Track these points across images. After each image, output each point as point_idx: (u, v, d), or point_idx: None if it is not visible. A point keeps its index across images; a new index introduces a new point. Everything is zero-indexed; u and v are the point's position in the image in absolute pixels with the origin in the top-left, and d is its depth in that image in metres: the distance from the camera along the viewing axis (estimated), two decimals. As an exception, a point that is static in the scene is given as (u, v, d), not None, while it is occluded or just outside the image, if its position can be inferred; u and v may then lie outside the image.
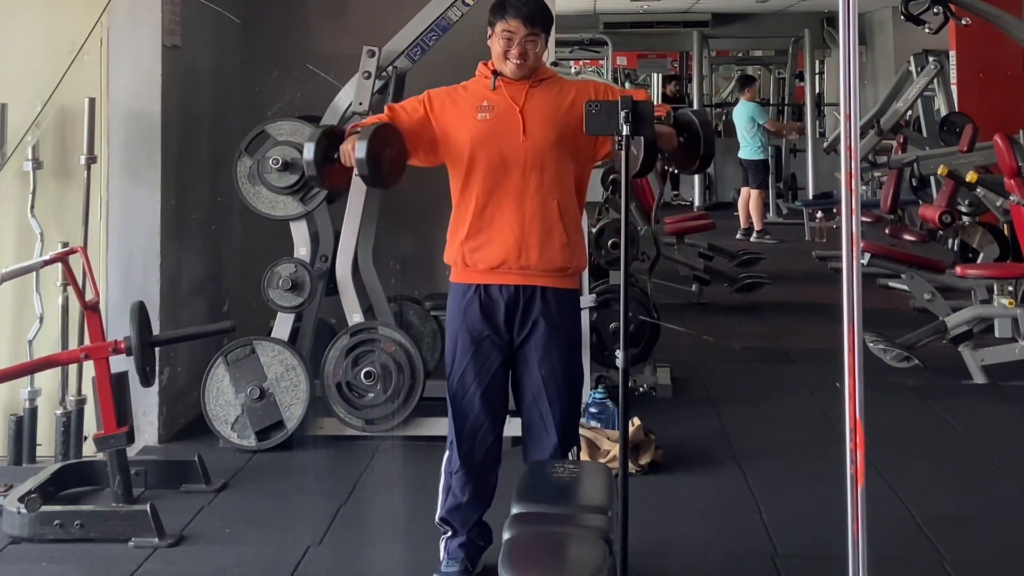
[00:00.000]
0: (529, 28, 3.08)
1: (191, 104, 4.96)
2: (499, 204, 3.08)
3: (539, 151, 3.07)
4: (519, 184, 3.07)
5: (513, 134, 3.08)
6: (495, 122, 3.09)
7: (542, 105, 3.11)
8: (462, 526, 3.24)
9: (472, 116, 3.10)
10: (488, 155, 3.08)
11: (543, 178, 3.08)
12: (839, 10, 2.36)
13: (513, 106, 3.10)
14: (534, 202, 3.07)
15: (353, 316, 4.64)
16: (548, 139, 3.08)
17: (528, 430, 3.21)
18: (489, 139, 3.08)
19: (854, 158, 2.32)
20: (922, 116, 9.49)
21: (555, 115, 3.10)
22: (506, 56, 3.09)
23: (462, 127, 3.11)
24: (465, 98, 3.15)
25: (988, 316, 5.74)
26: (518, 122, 3.08)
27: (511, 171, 3.07)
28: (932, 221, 7.20)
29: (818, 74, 15.15)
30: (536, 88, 3.14)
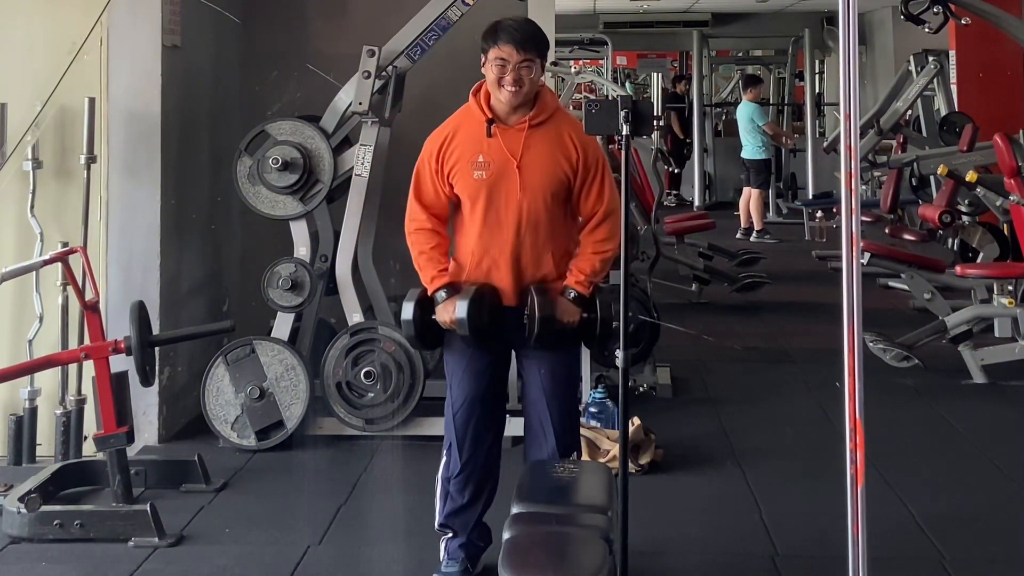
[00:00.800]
0: (523, 54, 3.03)
1: (191, 104, 4.96)
2: (495, 259, 3.11)
3: (534, 208, 3.07)
4: (514, 241, 3.09)
5: (510, 191, 3.06)
6: (492, 180, 3.07)
7: (540, 155, 3.08)
8: (462, 528, 3.23)
9: (469, 174, 3.08)
10: (484, 213, 3.08)
11: (537, 234, 3.10)
12: (839, 10, 2.36)
13: (510, 160, 3.06)
14: (529, 256, 3.11)
15: (353, 316, 4.64)
16: (544, 195, 3.07)
17: (528, 432, 3.24)
18: (486, 198, 3.08)
19: (854, 158, 2.32)
20: (922, 116, 9.48)
21: (552, 170, 3.08)
22: (500, 83, 3.05)
23: (460, 184, 3.11)
24: (463, 146, 3.10)
25: (988, 316, 5.74)
26: (515, 179, 3.06)
27: (506, 229, 3.08)
28: (932, 221, 7.19)
29: (818, 74, 15.14)
30: (536, 132, 3.09)
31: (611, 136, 5.52)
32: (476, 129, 3.11)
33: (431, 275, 3.12)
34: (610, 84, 11.14)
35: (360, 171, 4.60)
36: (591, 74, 12.03)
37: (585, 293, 3.10)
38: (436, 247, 3.14)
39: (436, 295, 3.10)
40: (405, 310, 3.14)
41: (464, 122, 3.15)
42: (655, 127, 11.07)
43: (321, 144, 4.62)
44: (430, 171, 3.14)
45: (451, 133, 3.14)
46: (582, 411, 4.50)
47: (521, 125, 3.09)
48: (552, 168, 3.08)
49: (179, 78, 4.81)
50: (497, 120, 3.10)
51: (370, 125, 4.60)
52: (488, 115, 3.09)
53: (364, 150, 4.60)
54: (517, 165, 3.06)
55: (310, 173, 4.61)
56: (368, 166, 4.60)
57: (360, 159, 4.60)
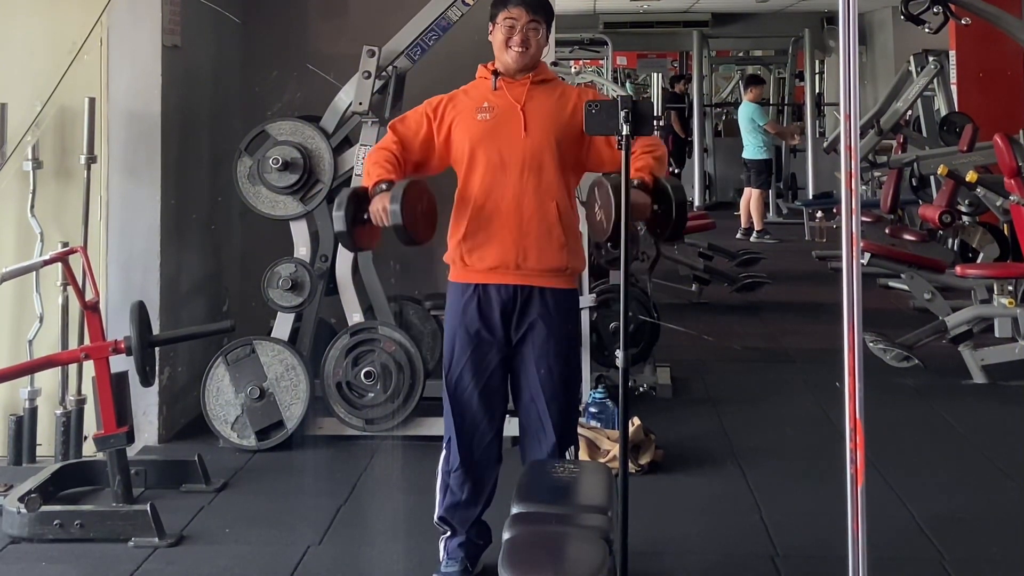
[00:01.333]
0: (531, 15, 3.11)
1: (191, 104, 4.96)
2: (497, 204, 3.07)
3: (539, 150, 3.07)
4: (518, 184, 3.06)
5: (514, 132, 3.08)
6: (495, 122, 3.09)
7: (543, 105, 3.12)
8: (461, 524, 3.23)
9: (472, 117, 3.11)
10: (487, 154, 3.08)
11: (542, 179, 3.07)
12: (839, 10, 2.36)
13: (514, 104, 3.11)
14: (532, 202, 3.07)
15: (353, 316, 4.64)
16: (548, 139, 3.08)
17: (526, 430, 3.22)
18: (489, 138, 3.08)
19: (854, 158, 2.32)
20: (922, 116, 9.49)
21: (556, 118, 3.11)
22: (508, 44, 3.11)
23: (462, 129, 3.12)
24: (465, 101, 3.16)
25: (988, 316, 5.74)
26: (519, 120, 3.09)
27: (510, 170, 3.07)
28: (932, 221, 7.20)
29: (818, 74, 15.14)
30: (537, 87, 3.15)
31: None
32: (481, 88, 3.18)
33: (376, 174, 3.05)
34: (610, 84, 11.14)
35: (360, 171, 4.60)
36: (591, 74, 12.02)
37: (648, 180, 2.98)
38: (390, 161, 3.08)
39: (375, 187, 3.02)
40: (337, 204, 3.02)
41: (469, 88, 3.21)
42: (655, 127, 11.09)
43: (321, 144, 4.62)
44: (422, 115, 3.17)
45: (457, 93, 3.20)
46: (582, 411, 4.51)
47: (525, 80, 3.15)
48: (556, 114, 3.11)
49: (179, 78, 4.82)
50: (503, 75, 3.16)
51: (370, 125, 4.60)
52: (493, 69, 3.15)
53: (364, 150, 4.60)
54: (521, 108, 3.10)
55: (310, 173, 4.61)
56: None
57: (360, 159, 4.59)
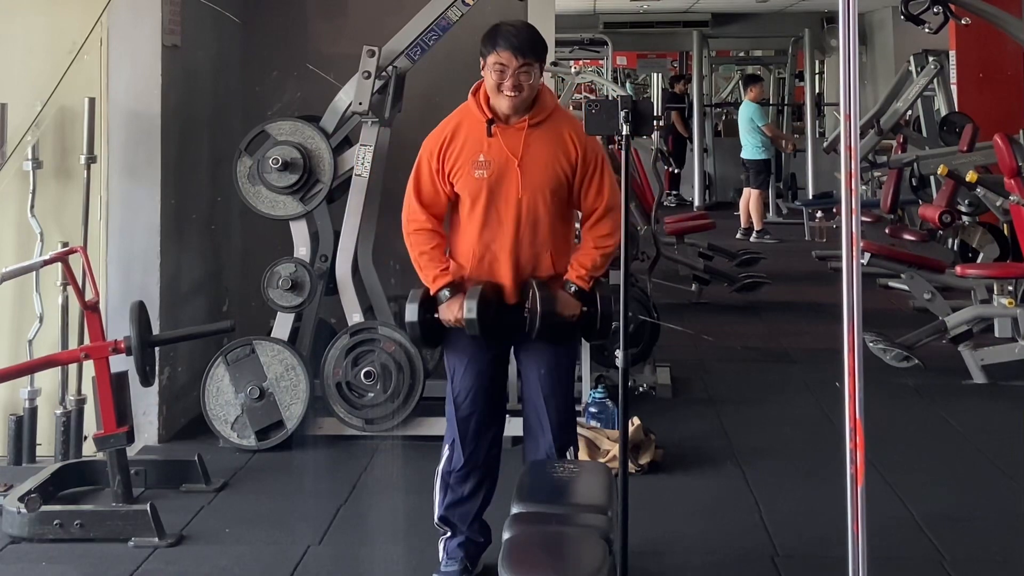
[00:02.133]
0: (521, 59, 3.04)
1: (191, 104, 4.96)
2: (495, 256, 3.12)
3: (534, 206, 3.09)
4: (513, 238, 3.10)
5: (510, 192, 3.08)
6: (492, 179, 3.08)
7: (541, 154, 3.09)
8: (461, 522, 3.24)
9: (470, 173, 3.09)
10: (485, 211, 3.10)
11: (536, 233, 3.12)
12: (839, 10, 2.36)
13: (511, 159, 3.08)
14: (528, 253, 3.12)
15: (353, 316, 4.64)
16: (544, 195, 3.09)
17: (526, 430, 3.25)
18: (486, 196, 3.09)
19: (854, 158, 2.32)
20: (922, 116, 9.48)
21: (552, 169, 3.09)
22: (500, 89, 3.06)
23: (461, 184, 3.12)
24: (463, 149, 3.11)
25: (988, 316, 5.74)
26: (516, 179, 3.08)
27: (506, 227, 3.10)
28: (932, 221, 7.20)
29: (818, 74, 15.14)
30: (534, 132, 3.10)
31: (611, 136, 5.53)
32: (476, 128, 3.12)
33: (433, 274, 3.13)
34: (610, 84, 11.14)
35: (360, 171, 4.60)
36: (591, 74, 12.02)
37: (585, 287, 3.12)
38: (436, 247, 3.15)
39: (439, 294, 3.11)
40: (409, 311, 3.14)
41: (464, 121, 3.15)
42: (655, 127, 11.08)
43: (321, 144, 4.62)
44: (430, 170, 3.15)
45: (451, 133, 3.14)
46: (582, 411, 4.51)
47: (521, 125, 3.10)
48: (552, 166, 3.09)
49: (179, 78, 4.81)
50: (497, 120, 3.11)
51: (370, 125, 4.60)
52: (488, 115, 3.10)
53: (364, 150, 4.60)
54: (518, 164, 3.07)
55: (310, 173, 4.61)
56: (368, 166, 4.60)
57: (360, 159, 4.60)
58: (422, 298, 3.14)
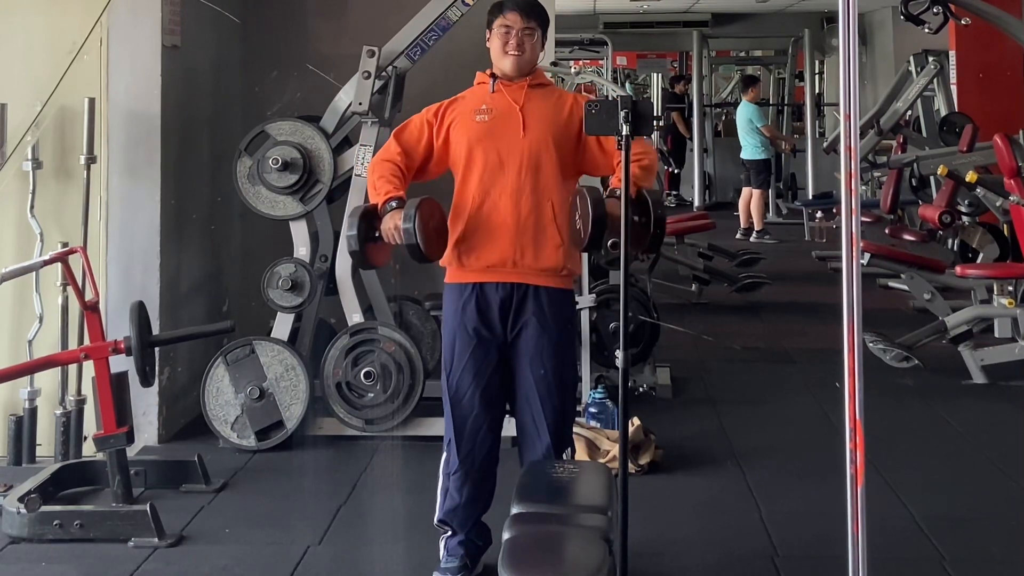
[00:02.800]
0: (526, 21, 3.15)
1: (191, 104, 4.96)
2: (495, 203, 3.09)
3: (537, 149, 3.10)
4: (515, 183, 3.08)
5: (512, 132, 3.11)
6: (494, 122, 3.13)
7: (541, 107, 3.16)
8: (460, 527, 3.24)
9: (471, 119, 3.14)
10: (485, 153, 3.10)
11: (539, 178, 3.09)
12: (839, 10, 2.36)
13: (513, 105, 3.15)
14: (529, 201, 3.08)
15: (353, 316, 4.64)
16: (546, 140, 3.11)
17: (521, 431, 3.23)
18: (487, 138, 3.11)
19: (854, 158, 2.31)
20: (922, 116, 9.49)
21: (554, 120, 3.15)
22: (504, 49, 3.15)
23: (460, 130, 3.15)
24: (464, 105, 3.20)
25: (988, 316, 5.74)
26: (518, 120, 3.12)
27: (508, 169, 3.09)
28: (932, 221, 7.20)
29: (818, 74, 15.14)
30: (535, 90, 3.19)
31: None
32: (480, 92, 3.22)
33: (385, 190, 3.07)
34: (610, 84, 11.14)
35: (360, 171, 4.60)
36: (591, 74, 12.02)
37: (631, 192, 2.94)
38: (396, 174, 3.11)
39: (386, 204, 3.04)
40: (349, 223, 3.07)
41: (467, 93, 3.25)
42: (655, 127, 11.08)
43: (321, 144, 4.62)
44: (421, 123, 3.20)
45: (455, 98, 3.24)
46: (582, 411, 4.51)
47: (522, 83, 3.19)
48: (554, 116, 3.15)
49: (179, 78, 4.81)
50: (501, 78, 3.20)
51: (370, 125, 4.60)
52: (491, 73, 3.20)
53: (364, 150, 4.60)
54: (520, 109, 3.13)
55: (310, 173, 4.61)
56: (368, 166, 4.59)
57: (360, 159, 4.60)
58: (365, 210, 3.09)
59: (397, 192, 3.06)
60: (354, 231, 3.04)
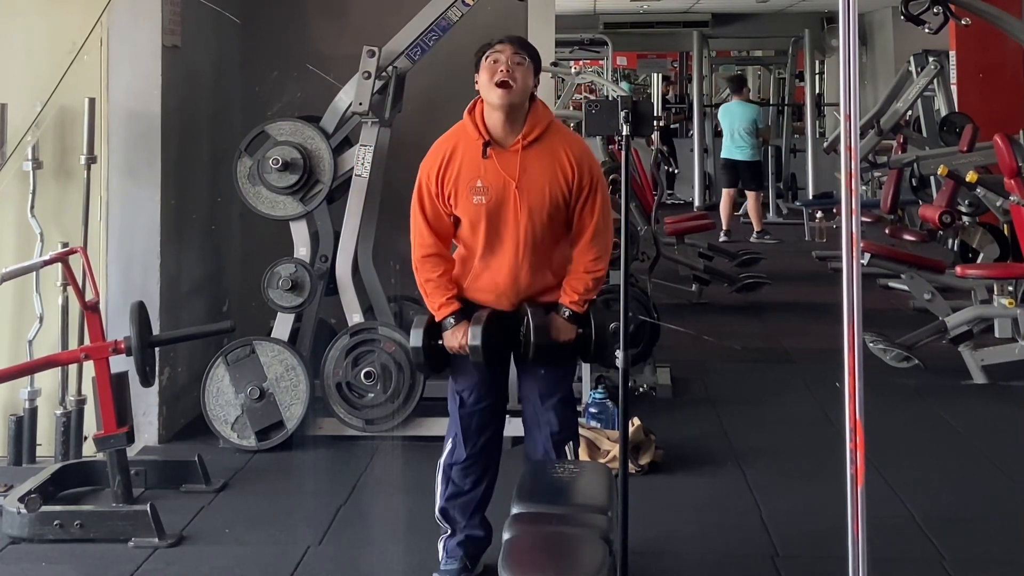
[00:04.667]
0: (515, 49, 3.08)
1: (191, 104, 4.96)
2: (494, 278, 3.14)
3: (534, 230, 3.10)
4: (513, 260, 3.12)
5: (509, 216, 3.08)
6: (491, 204, 3.08)
7: (538, 177, 3.08)
8: (461, 515, 3.25)
9: (468, 199, 3.08)
10: (486, 237, 3.11)
11: (536, 254, 3.13)
12: (839, 10, 2.36)
13: (508, 183, 3.06)
14: (528, 271, 3.13)
15: (353, 316, 4.64)
16: (542, 217, 3.09)
17: (526, 427, 3.27)
18: (486, 223, 3.10)
19: (854, 158, 2.32)
20: (922, 116, 9.47)
21: (550, 189, 3.08)
22: (492, 80, 3.04)
23: (461, 208, 3.12)
24: (459, 171, 3.09)
25: (988, 316, 5.74)
26: (513, 203, 3.07)
27: (507, 251, 3.11)
28: (932, 221, 7.20)
29: (818, 74, 15.14)
30: (529, 152, 3.08)
31: (611, 136, 5.53)
32: (472, 150, 3.09)
33: (439, 302, 3.14)
34: (610, 84, 11.14)
35: (360, 171, 4.60)
36: (591, 74, 12.02)
37: (579, 311, 3.14)
38: (443, 274, 3.16)
39: (445, 321, 3.13)
40: (414, 336, 3.16)
41: (460, 142, 3.13)
42: (655, 128, 11.05)
43: (321, 144, 4.62)
44: (430, 194, 3.14)
45: (447, 155, 3.12)
46: (582, 411, 4.51)
47: (516, 145, 3.09)
48: (551, 188, 3.08)
49: (179, 78, 4.81)
50: (493, 143, 3.09)
51: (370, 125, 4.60)
52: (484, 136, 3.08)
53: (364, 150, 4.60)
54: (516, 187, 3.06)
55: (310, 173, 4.61)
56: (368, 166, 4.60)
57: (360, 159, 4.60)
58: (427, 324, 3.15)
59: (452, 304, 3.12)
60: (419, 344, 3.14)
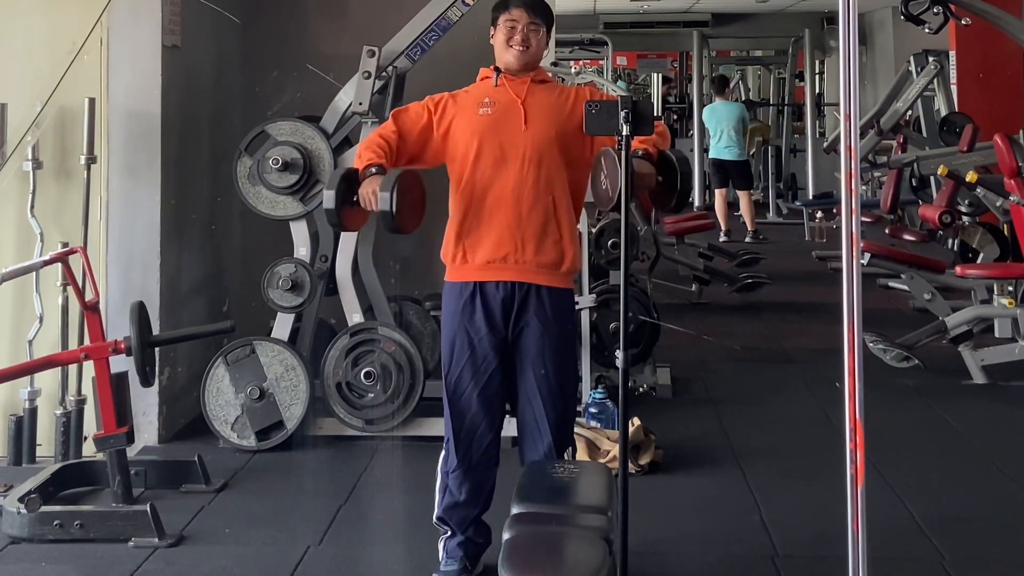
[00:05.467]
0: (531, 17, 3.17)
1: (191, 104, 4.96)
2: (497, 197, 3.09)
3: (539, 144, 3.10)
4: (518, 177, 3.08)
5: (515, 125, 3.11)
6: (496, 115, 3.13)
7: (543, 101, 3.16)
8: (459, 525, 3.24)
9: (474, 112, 3.14)
10: (489, 147, 3.10)
11: (541, 173, 3.09)
12: (839, 10, 2.36)
13: (515, 99, 3.15)
14: (531, 196, 3.08)
15: (353, 316, 4.64)
16: (548, 133, 3.11)
17: (523, 431, 3.22)
18: (490, 131, 3.11)
19: (854, 158, 2.32)
20: (922, 116, 9.49)
21: (556, 114, 3.14)
22: (509, 44, 3.17)
23: (463, 123, 3.14)
24: (467, 98, 3.19)
25: (988, 316, 5.74)
26: (520, 113, 3.12)
27: (510, 163, 3.09)
28: (932, 221, 7.20)
29: (818, 74, 15.15)
30: (538, 85, 3.20)
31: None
32: (483, 86, 3.21)
33: (367, 158, 3.07)
34: (611, 84, 11.14)
35: (358, 166, 4.60)
36: (591, 74, 12.02)
37: (652, 152, 3.03)
38: (384, 148, 3.10)
39: (366, 170, 3.04)
40: (328, 183, 3.08)
41: (471, 88, 3.25)
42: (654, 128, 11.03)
43: (321, 144, 4.62)
44: (423, 107, 3.19)
45: (458, 92, 3.23)
46: (582, 411, 4.51)
47: (526, 78, 3.19)
48: (557, 110, 3.14)
49: (179, 78, 4.81)
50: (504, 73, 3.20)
51: (370, 125, 4.59)
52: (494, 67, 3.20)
53: (364, 150, 4.60)
54: (522, 102, 3.13)
55: (310, 173, 4.61)
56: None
57: (360, 159, 4.59)
58: (346, 172, 3.08)
59: (379, 160, 3.06)
60: (332, 191, 3.03)
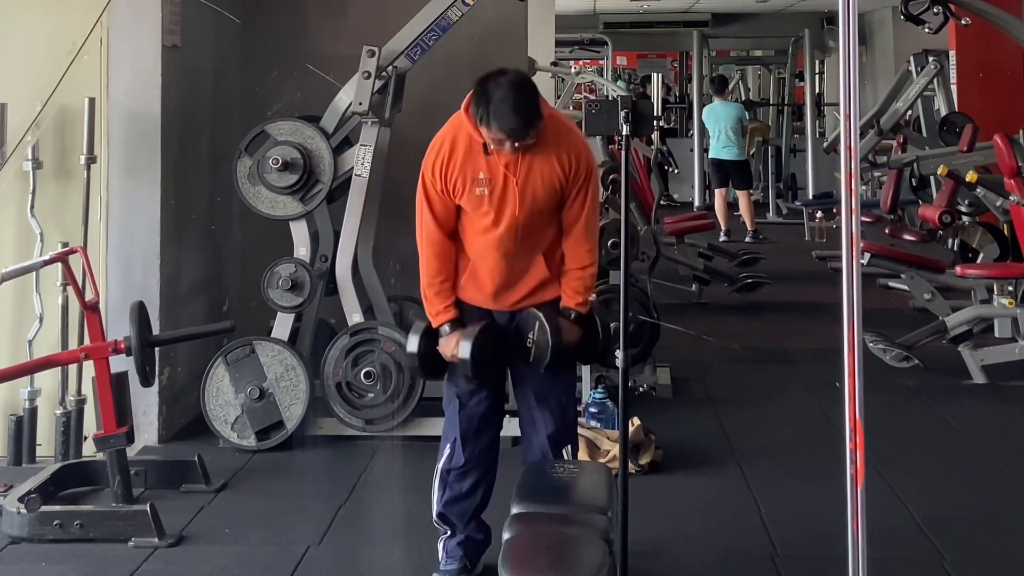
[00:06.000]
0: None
1: (191, 104, 4.96)
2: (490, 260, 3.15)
3: (530, 220, 3.12)
4: (510, 246, 3.13)
5: (509, 207, 3.10)
6: (492, 198, 3.10)
7: (536, 174, 3.09)
8: (459, 520, 3.25)
9: (471, 191, 3.11)
10: (485, 223, 3.12)
11: (530, 239, 3.15)
12: (839, 10, 2.36)
13: (510, 179, 3.08)
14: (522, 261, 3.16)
15: (353, 316, 4.64)
16: (538, 209, 3.12)
17: (522, 430, 3.26)
18: (486, 212, 3.11)
19: (854, 158, 2.32)
20: (922, 116, 9.48)
21: (548, 184, 3.10)
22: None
23: (463, 199, 3.13)
24: (462, 165, 3.10)
25: (988, 316, 5.74)
26: (514, 197, 3.09)
27: (504, 237, 3.12)
28: (932, 221, 7.20)
29: (818, 74, 15.14)
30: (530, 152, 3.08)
31: (611, 136, 5.52)
32: (473, 144, 3.09)
33: (437, 309, 3.17)
34: (610, 84, 11.15)
35: (360, 171, 4.60)
36: (591, 74, 12.04)
37: (585, 311, 3.18)
38: (446, 280, 3.17)
39: (441, 328, 3.15)
40: (410, 342, 3.19)
41: (459, 136, 3.11)
42: (654, 128, 11.05)
43: (321, 144, 4.62)
44: (435, 189, 3.14)
45: (448, 149, 3.11)
46: (582, 411, 4.51)
47: None
48: (549, 181, 3.10)
49: (179, 78, 4.81)
50: None
51: (370, 125, 4.60)
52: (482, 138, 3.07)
53: (364, 150, 4.60)
54: (517, 183, 3.08)
55: (310, 173, 4.61)
56: (368, 166, 4.60)
57: (360, 159, 4.60)
58: (424, 330, 3.18)
59: (449, 312, 3.15)
60: (415, 349, 3.17)
